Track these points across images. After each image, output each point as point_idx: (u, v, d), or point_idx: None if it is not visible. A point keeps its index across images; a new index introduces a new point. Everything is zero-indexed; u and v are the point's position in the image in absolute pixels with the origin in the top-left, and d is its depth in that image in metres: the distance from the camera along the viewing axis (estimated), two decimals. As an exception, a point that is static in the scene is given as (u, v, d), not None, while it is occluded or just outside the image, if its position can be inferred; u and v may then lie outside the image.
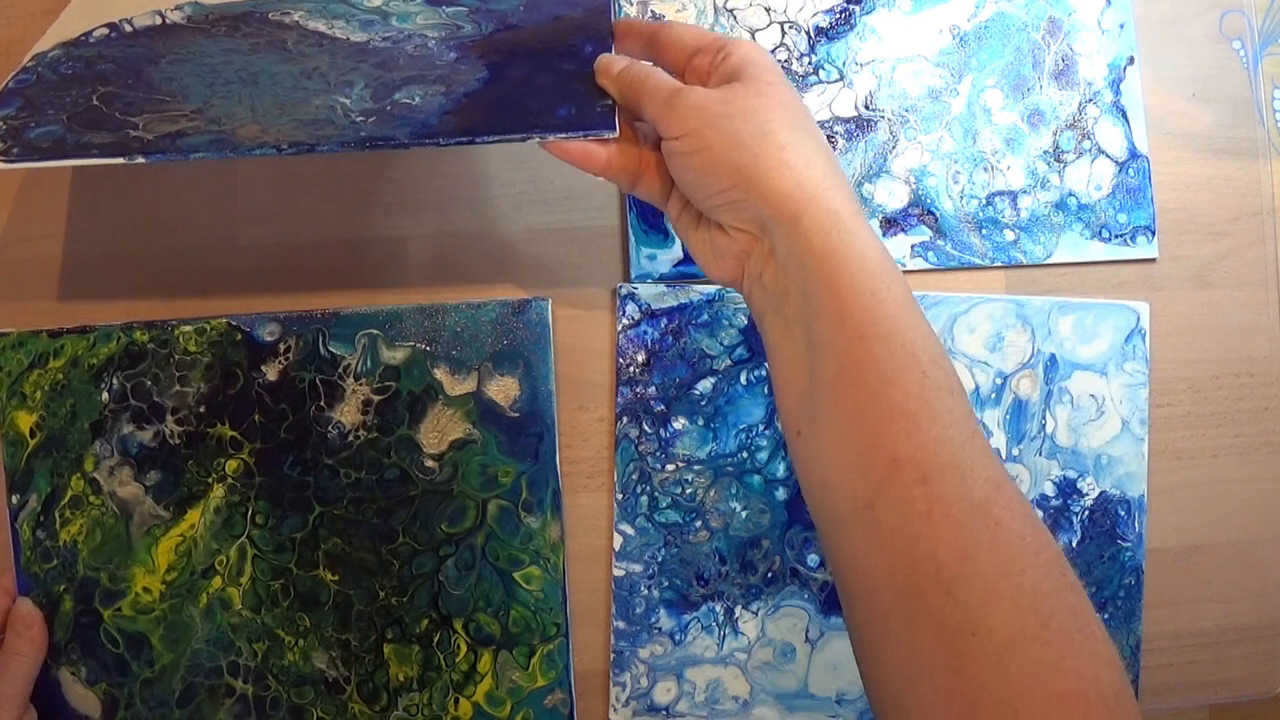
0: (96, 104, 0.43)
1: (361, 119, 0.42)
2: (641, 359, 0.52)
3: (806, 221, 0.38)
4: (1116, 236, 0.53)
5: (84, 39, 0.47)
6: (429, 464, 0.51)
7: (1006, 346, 0.52)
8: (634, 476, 0.51)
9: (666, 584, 0.51)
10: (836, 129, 0.53)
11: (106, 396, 0.50)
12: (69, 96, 0.43)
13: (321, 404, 0.50)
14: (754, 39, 0.53)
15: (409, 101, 0.43)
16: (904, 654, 0.35)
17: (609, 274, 0.53)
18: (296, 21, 0.48)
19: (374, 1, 0.49)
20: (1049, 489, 0.52)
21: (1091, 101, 0.53)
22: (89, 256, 0.53)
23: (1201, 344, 0.54)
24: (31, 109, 0.43)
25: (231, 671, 0.50)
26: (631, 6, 0.53)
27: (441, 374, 0.51)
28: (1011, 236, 0.53)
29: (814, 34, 0.53)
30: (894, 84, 0.53)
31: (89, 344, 0.51)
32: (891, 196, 0.53)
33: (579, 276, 0.53)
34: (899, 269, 0.39)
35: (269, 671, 0.50)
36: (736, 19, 0.53)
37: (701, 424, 0.52)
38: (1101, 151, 0.53)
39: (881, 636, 0.36)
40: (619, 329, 0.52)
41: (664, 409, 0.52)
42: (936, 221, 0.53)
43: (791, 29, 0.53)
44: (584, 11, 0.47)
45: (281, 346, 0.51)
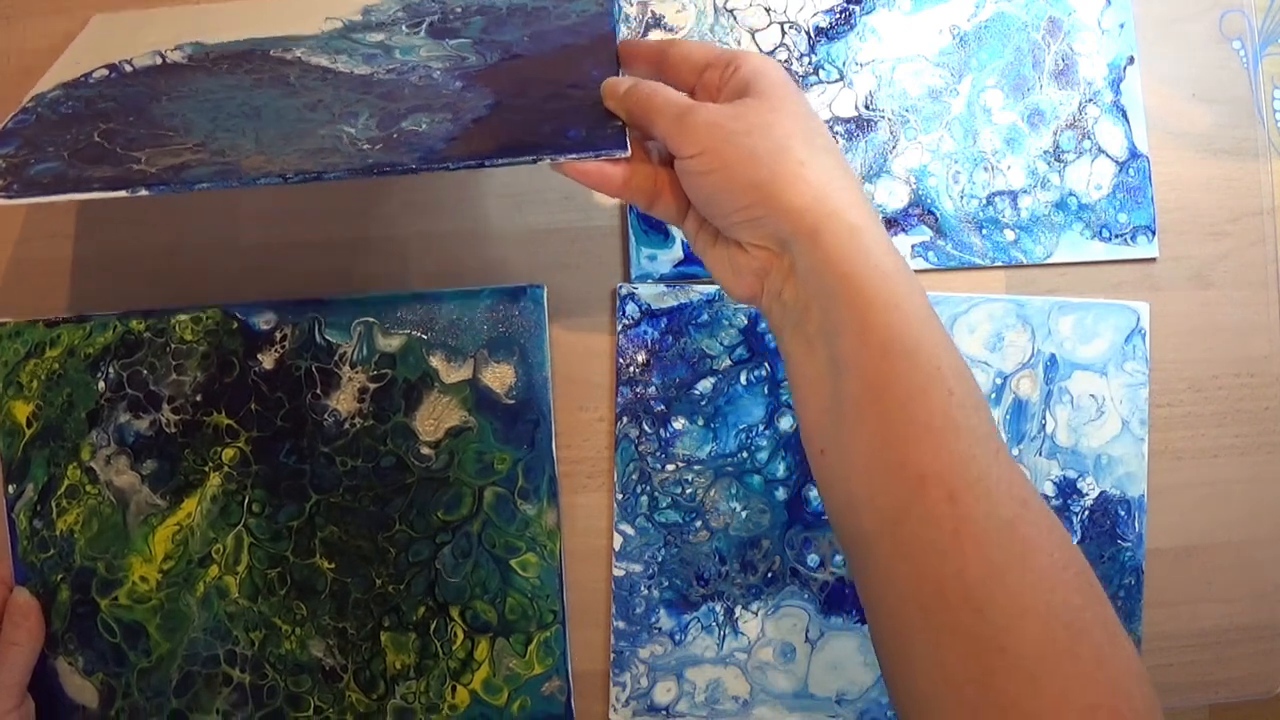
0: (98, 140, 0.43)
1: (368, 146, 0.41)
2: (641, 359, 0.52)
3: (826, 236, 0.37)
4: (1116, 236, 0.53)
5: (84, 79, 0.47)
6: (425, 451, 0.51)
7: (1006, 346, 0.52)
8: (634, 476, 0.51)
9: (666, 584, 0.51)
10: (837, 129, 0.53)
11: (103, 386, 0.51)
12: (69, 134, 0.43)
13: (318, 392, 0.51)
14: (754, 39, 0.53)
15: (415, 129, 0.42)
16: (932, 670, 0.35)
17: (609, 274, 0.53)
18: (299, 58, 0.48)
19: (376, 36, 0.49)
20: (1049, 489, 0.52)
21: (1091, 101, 0.53)
22: (97, 257, 0.53)
23: (1201, 344, 0.54)
24: (31, 147, 0.42)
25: (229, 660, 0.50)
26: (631, 7, 0.54)
27: (437, 361, 0.51)
28: (1011, 236, 0.53)
29: (814, 34, 0.53)
30: (894, 84, 0.53)
31: (85, 333, 0.51)
32: (892, 196, 0.53)
33: (579, 277, 0.53)
34: (918, 281, 0.38)
35: (266, 660, 0.50)
36: (736, 19, 0.54)
37: (701, 424, 0.51)
38: (1101, 151, 0.53)
39: (908, 652, 0.36)
40: (619, 329, 0.52)
41: (664, 409, 0.52)
42: (937, 221, 0.53)
43: (791, 29, 0.54)
44: (589, 39, 0.47)
45: (277, 335, 0.51)
